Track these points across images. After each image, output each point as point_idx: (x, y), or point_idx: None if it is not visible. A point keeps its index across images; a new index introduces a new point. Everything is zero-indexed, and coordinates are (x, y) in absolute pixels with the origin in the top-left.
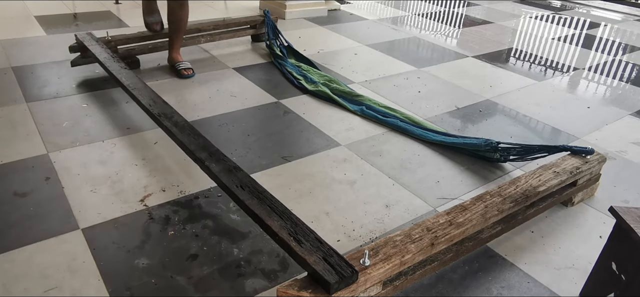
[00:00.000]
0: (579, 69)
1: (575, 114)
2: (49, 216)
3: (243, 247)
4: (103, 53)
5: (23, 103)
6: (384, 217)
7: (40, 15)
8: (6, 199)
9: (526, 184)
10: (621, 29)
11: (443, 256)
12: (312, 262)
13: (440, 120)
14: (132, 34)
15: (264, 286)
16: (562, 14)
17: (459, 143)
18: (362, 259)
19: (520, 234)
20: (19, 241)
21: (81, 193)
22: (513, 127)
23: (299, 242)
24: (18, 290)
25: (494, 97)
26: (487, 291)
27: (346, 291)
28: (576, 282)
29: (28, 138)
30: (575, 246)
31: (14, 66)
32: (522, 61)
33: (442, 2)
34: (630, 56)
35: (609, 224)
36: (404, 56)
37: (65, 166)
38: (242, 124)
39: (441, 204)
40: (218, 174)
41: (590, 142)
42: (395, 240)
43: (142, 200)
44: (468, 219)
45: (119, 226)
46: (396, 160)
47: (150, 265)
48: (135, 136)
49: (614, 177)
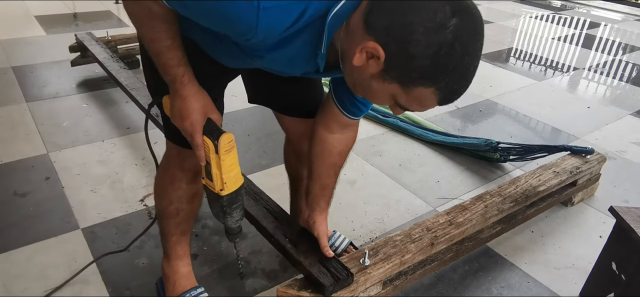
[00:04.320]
0: (579, 69)
1: (575, 114)
2: (49, 216)
3: (243, 247)
4: (103, 53)
5: (23, 103)
6: (384, 217)
7: (40, 15)
8: (6, 199)
9: (526, 184)
10: (621, 29)
11: (443, 255)
12: (307, 264)
13: (440, 120)
14: (132, 34)
15: (264, 286)
16: (562, 14)
17: (459, 143)
18: (362, 259)
19: (520, 234)
20: (19, 241)
21: (81, 193)
22: (513, 127)
23: (295, 245)
24: (18, 290)
25: (494, 97)
26: (487, 291)
27: (346, 291)
28: (576, 282)
29: (28, 138)
30: (575, 246)
31: (14, 66)
32: (522, 61)
33: None
34: (630, 56)
35: (609, 224)
36: None
37: (65, 166)
38: (242, 124)
39: (441, 204)
40: None
41: (590, 142)
42: (395, 240)
43: (142, 200)
44: (468, 219)
45: (119, 226)
46: (396, 160)
47: (150, 265)
48: (135, 136)
49: (614, 177)
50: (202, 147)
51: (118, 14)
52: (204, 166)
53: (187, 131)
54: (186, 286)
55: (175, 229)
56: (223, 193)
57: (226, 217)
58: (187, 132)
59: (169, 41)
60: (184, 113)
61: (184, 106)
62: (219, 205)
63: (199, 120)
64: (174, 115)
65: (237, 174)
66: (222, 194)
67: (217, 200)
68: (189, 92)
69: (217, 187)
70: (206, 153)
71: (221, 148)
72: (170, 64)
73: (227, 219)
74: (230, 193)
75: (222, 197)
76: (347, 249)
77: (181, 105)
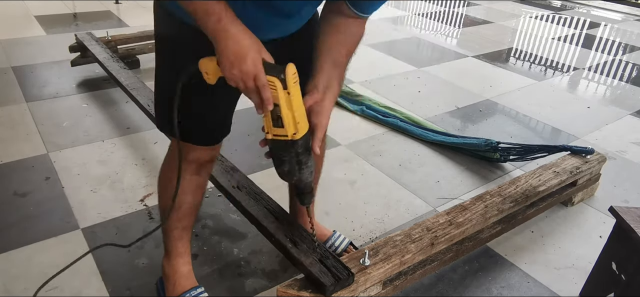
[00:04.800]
0: (579, 69)
1: (575, 114)
2: (49, 216)
3: (243, 247)
4: (103, 53)
5: (23, 103)
6: (384, 217)
7: (40, 15)
8: (6, 199)
9: (526, 184)
10: (621, 29)
11: (443, 255)
12: (308, 264)
13: (440, 120)
14: (132, 34)
15: (264, 286)
16: (562, 14)
17: (459, 143)
18: (362, 259)
19: (520, 234)
20: (19, 241)
21: (81, 193)
22: (513, 127)
23: (295, 244)
24: (18, 290)
25: (494, 97)
26: (487, 291)
27: (346, 291)
28: (576, 282)
29: (28, 138)
30: (575, 246)
31: (14, 66)
32: (522, 61)
33: (442, 1)
34: (630, 56)
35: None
36: (404, 56)
37: (65, 166)
38: (243, 124)
39: (441, 204)
40: (215, 175)
41: (590, 142)
42: (395, 240)
43: (142, 200)
44: (468, 219)
45: (119, 226)
46: (396, 160)
47: (150, 265)
48: (135, 136)
49: (614, 177)
50: (267, 87)
51: (118, 14)
52: (268, 115)
53: (249, 72)
54: (186, 285)
55: (178, 223)
56: (297, 136)
57: (302, 168)
58: (249, 73)
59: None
60: (241, 53)
61: (239, 46)
62: (294, 153)
63: (259, 57)
64: (227, 63)
65: (304, 111)
66: (296, 139)
67: (291, 148)
68: (238, 28)
69: (289, 131)
70: (273, 94)
71: (289, 80)
72: (212, 5)
73: (304, 170)
74: (305, 134)
75: (297, 142)
76: (347, 249)
77: (235, 46)
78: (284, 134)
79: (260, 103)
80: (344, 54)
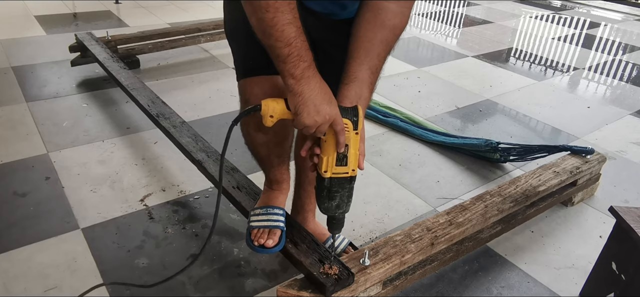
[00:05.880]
0: (579, 69)
1: (575, 114)
2: (49, 216)
3: (243, 247)
4: (103, 53)
5: (23, 103)
6: (384, 217)
7: (40, 15)
8: (6, 199)
9: (526, 184)
10: (621, 29)
11: (443, 255)
12: (308, 264)
13: (440, 120)
14: (132, 34)
15: (264, 286)
16: (562, 14)
17: (459, 143)
18: (362, 259)
19: (520, 234)
20: (19, 240)
21: (81, 193)
22: (513, 127)
23: (295, 244)
24: (18, 290)
25: (494, 97)
26: (487, 291)
27: (346, 291)
28: (576, 282)
29: (28, 138)
30: (575, 246)
31: (14, 66)
32: (522, 61)
33: (442, 2)
34: (630, 56)
35: (609, 224)
36: (404, 56)
37: (65, 166)
38: None
39: (441, 204)
40: (215, 175)
41: (590, 142)
42: (395, 240)
43: (142, 200)
44: (468, 219)
45: (119, 226)
46: (396, 160)
47: (150, 265)
48: (135, 136)
49: (614, 177)
50: (344, 131)
51: (118, 14)
52: (333, 156)
53: (330, 115)
54: (266, 201)
55: (267, 160)
56: (355, 172)
57: (350, 201)
58: (329, 117)
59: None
60: (326, 98)
61: (323, 92)
62: (348, 188)
63: (335, 101)
64: (310, 111)
65: None
66: (355, 175)
67: (348, 184)
68: (319, 78)
69: (350, 168)
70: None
71: (360, 122)
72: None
73: (350, 202)
74: None
75: (355, 177)
76: (347, 249)
77: (318, 95)
78: (345, 171)
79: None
80: (382, 55)
